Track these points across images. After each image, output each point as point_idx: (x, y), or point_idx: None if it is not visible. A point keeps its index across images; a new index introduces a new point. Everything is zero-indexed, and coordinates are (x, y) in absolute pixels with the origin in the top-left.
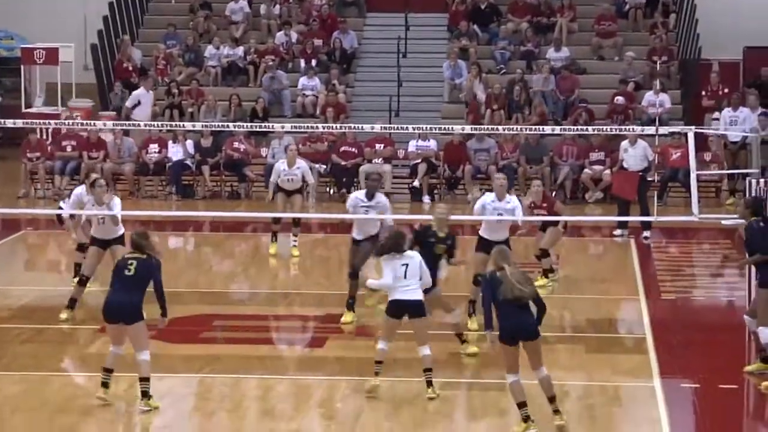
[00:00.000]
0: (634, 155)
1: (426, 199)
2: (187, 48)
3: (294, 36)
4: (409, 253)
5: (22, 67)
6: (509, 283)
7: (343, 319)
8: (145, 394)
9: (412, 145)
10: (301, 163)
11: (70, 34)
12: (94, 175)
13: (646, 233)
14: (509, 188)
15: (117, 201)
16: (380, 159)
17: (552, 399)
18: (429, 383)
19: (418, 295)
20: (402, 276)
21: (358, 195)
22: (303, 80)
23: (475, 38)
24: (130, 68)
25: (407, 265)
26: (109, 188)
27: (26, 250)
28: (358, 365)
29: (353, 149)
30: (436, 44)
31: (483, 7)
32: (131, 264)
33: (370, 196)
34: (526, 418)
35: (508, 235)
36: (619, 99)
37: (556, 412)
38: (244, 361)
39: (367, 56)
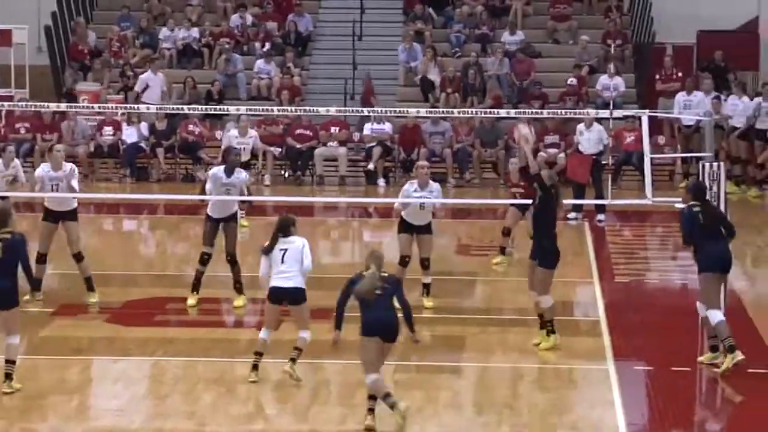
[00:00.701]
0: (588, 138)
1: (381, 182)
2: (142, 30)
3: (249, 18)
4: (292, 238)
5: None
6: (368, 282)
7: (235, 303)
8: (9, 377)
9: (367, 128)
10: (253, 133)
11: (23, 16)
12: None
13: (601, 216)
14: (463, 171)
15: (75, 168)
16: (335, 142)
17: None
18: (293, 360)
19: (296, 282)
20: (279, 261)
21: (217, 171)
22: (259, 63)
23: (430, 21)
24: (85, 50)
25: (285, 250)
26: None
27: None
28: (311, 347)
29: (308, 132)
30: (391, 27)
31: None
32: None
33: (229, 172)
34: (370, 410)
35: (431, 220)
36: (572, 81)
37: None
38: (198, 343)
39: (322, 39)
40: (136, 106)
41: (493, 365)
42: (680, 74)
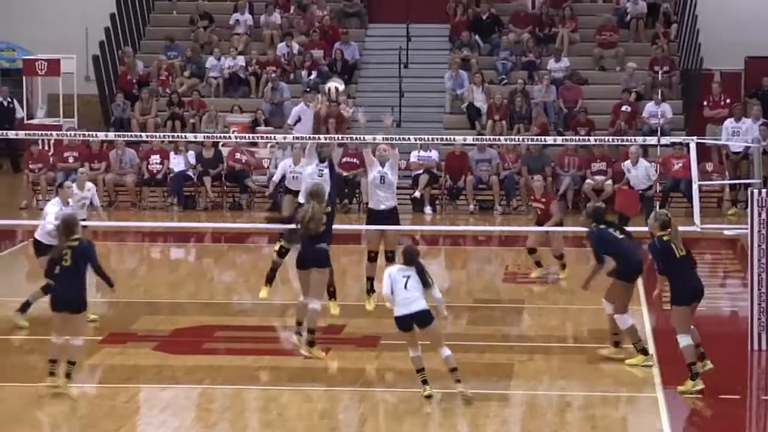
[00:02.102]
0: (636, 175)
1: (428, 209)
2: (189, 59)
3: (296, 47)
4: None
5: (24, 78)
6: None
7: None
8: (68, 376)
9: (414, 156)
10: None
11: (72, 46)
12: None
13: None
14: (510, 198)
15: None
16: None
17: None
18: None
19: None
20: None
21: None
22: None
23: (476, 49)
24: (133, 80)
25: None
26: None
27: (28, 261)
28: (359, 375)
29: (355, 160)
30: (437, 55)
31: (484, 17)
32: (66, 254)
33: None
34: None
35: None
36: (626, 108)
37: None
38: (245, 371)
39: (368, 67)
40: (183, 135)
41: (540, 393)
42: (728, 101)
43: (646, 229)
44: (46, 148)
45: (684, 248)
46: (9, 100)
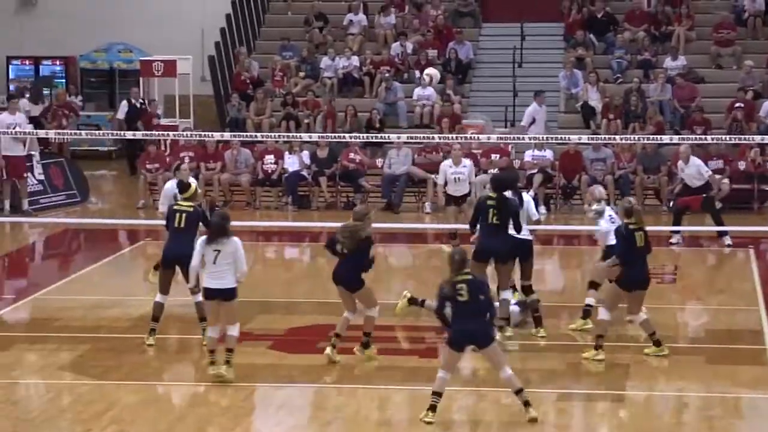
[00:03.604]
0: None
1: (542, 209)
2: (303, 59)
3: (410, 47)
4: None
5: (140, 79)
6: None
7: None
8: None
9: (528, 155)
10: (467, 161)
11: (187, 47)
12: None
13: (727, 240)
14: (625, 196)
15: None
16: (496, 169)
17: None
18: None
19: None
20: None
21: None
22: (418, 90)
23: (591, 47)
24: (248, 80)
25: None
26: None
27: (145, 260)
28: (475, 375)
29: (469, 159)
30: (552, 54)
31: (599, 16)
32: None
33: None
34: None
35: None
36: (739, 105)
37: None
38: (360, 371)
39: (482, 66)
40: (299, 135)
41: (657, 393)
42: None
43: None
44: (163, 148)
45: (644, 239)
46: (141, 101)
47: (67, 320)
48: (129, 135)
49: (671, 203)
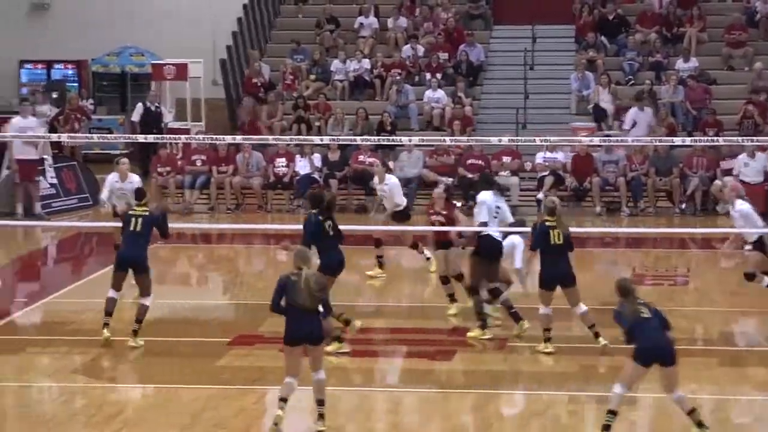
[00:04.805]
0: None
1: None
2: (315, 62)
3: (420, 49)
4: None
5: (152, 82)
6: (305, 288)
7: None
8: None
9: (539, 157)
10: (391, 178)
11: (199, 51)
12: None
13: None
14: (637, 199)
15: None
16: (507, 171)
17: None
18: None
19: None
20: None
21: None
22: (428, 93)
23: (602, 49)
24: (259, 83)
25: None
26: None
27: (156, 263)
28: (485, 377)
29: (480, 162)
30: (563, 56)
31: (610, 18)
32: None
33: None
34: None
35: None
36: (750, 107)
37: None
38: (369, 373)
39: (493, 69)
40: (312, 138)
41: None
42: None
43: None
44: (174, 151)
45: (563, 238)
46: (157, 105)
47: (79, 323)
48: (141, 138)
49: (683, 205)
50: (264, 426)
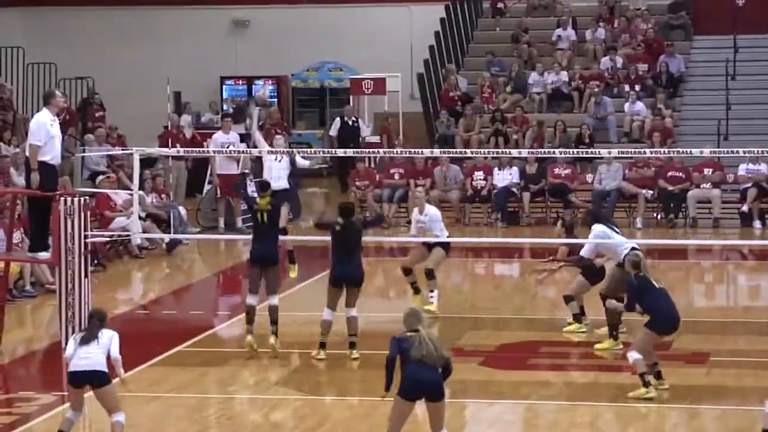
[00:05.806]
0: None
1: (757, 224)
2: (512, 75)
3: (619, 61)
4: None
5: (350, 97)
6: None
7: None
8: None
9: (742, 169)
10: (431, 209)
11: (396, 64)
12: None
13: None
14: None
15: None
16: (709, 184)
17: None
18: None
19: None
20: None
21: None
22: (628, 105)
23: None
24: (456, 97)
25: None
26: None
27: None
28: (687, 393)
29: (681, 174)
30: (766, 66)
31: None
32: None
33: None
34: None
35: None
36: None
37: None
38: (571, 387)
39: (694, 79)
40: (507, 150)
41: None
42: None
43: None
44: (372, 165)
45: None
46: (354, 119)
47: (280, 336)
48: (340, 153)
49: None
50: None
